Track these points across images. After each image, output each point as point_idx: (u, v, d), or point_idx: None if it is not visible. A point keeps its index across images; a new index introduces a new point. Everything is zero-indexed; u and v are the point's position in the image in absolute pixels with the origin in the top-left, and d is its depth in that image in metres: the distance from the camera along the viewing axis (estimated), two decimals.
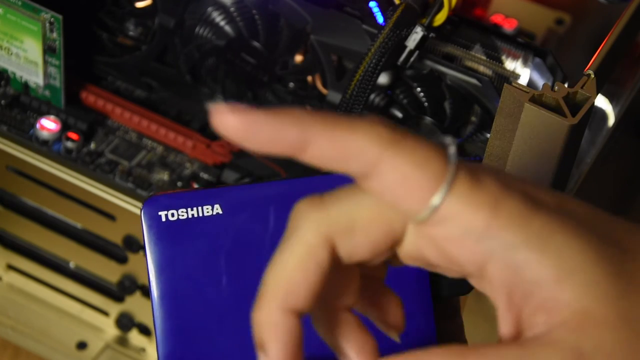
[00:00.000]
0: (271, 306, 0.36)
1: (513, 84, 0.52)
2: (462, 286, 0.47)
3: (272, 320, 0.36)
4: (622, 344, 0.34)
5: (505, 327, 0.35)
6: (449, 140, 0.35)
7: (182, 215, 0.46)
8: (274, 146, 0.34)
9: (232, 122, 0.34)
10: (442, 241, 0.35)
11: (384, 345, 0.47)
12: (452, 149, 0.34)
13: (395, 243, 0.36)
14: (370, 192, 0.35)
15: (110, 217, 0.70)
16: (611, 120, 0.68)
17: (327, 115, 0.34)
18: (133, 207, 0.69)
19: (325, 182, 0.47)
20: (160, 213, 0.46)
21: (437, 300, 0.47)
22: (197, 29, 0.70)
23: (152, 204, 0.46)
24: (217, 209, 0.46)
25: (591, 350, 0.33)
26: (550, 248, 0.34)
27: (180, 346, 0.46)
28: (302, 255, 0.36)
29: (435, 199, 0.34)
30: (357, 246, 0.36)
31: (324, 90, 0.69)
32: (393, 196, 0.34)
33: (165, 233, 0.46)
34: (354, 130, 0.34)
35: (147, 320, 0.75)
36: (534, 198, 0.35)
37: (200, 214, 0.46)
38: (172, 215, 0.46)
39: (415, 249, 0.36)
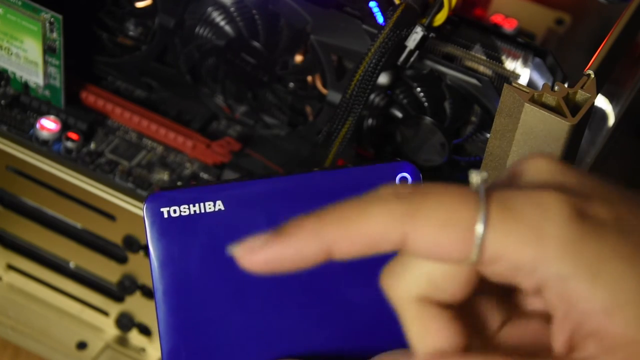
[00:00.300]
0: None
1: (513, 84, 0.52)
2: None
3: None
4: None
5: (558, 341, 0.35)
6: (474, 177, 0.34)
7: (185, 212, 0.46)
8: (304, 264, 0.34)
9: (256, 262, 0.34)
10: (497, 276, 0.35)
11: (385, 344, 0.47)
12: (480, 187, 0.34)
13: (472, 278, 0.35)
14: (417, 257, 0.34)
15: (110, 217, 0.70)
16: (611, 120, 0.68)
17: (337, 211, 0.34)
18: (133, 207, 0.69)
19: (328, 179, 0.47)
20: (162, 209, 0.46)
21: None
22: (197, 29, 0.70)
23: (154, 200, 0.46)
24: (220, 205, 0.46)
25: None
26: (601, 278, 0.33)
27: (184, 341, 0.46)
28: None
29: (474, 250, 0.33)
30: (448, 292, 0.35)
31: (324, 90, 0.69)
32: (436, 257, 0.34)
33: (168, 229, 0.46)
34: (367, 219, 0.34)
35: (147, 320, 0.75)
36: (583, 214, 0.34)
37: (203, 210, 0.46)
38: (175, 211, 0.46)
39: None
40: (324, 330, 0.47)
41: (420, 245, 0.34)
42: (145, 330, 0.75)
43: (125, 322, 0.75)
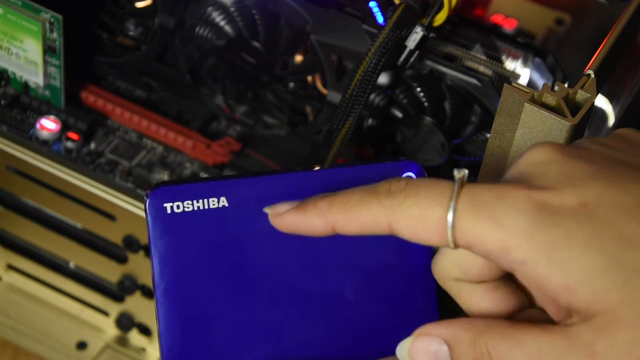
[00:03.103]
0: None
1: (513, 84, 0.52)
2: None
3: None
4: (637, 343, 0.37)
5: (550, 313, 0.42)
6: (454, 172, 0.41)
7: (188, 208, 0.46)
8: (313, 232, 0.43)
9: (279, 222, 0.44)
10: (482, 256, 0.41)
11: (387, 343, 0.47)
12: (455, 182, 0.41)
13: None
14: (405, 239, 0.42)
15: (110, 217, 0.70)
16: (611, 120, 0.68)
17: (343, 197, 0.43)
18: (133, 207, 0.69)
19: (334, 176, 0.47)
20: (166, 205, 0.46)
21: (442, 293, 0.47)
22: (197, 29, 0.70)
23: (157, 195, 0.45)
24: (223, 202, 0.46)
25: (605, 349, 0.38)
26: (556, 262, 0.39)
27: (184, 339, 0.46)
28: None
29: (448, 237, 0.40)
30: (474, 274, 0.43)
31: (324, 90, 0.69)
32: (419, 241, 0.41)
33: (171, 225, 0.46)
34: (361, 208, 0.42)
35: (147, 320, 0.75)
36: (544, 206, 0.39)
37: (207, 207, 0.46)
38: (178, 207, 0.46)
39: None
40: (325, 330, 0.47)
41: (403, 232, 0.41)
42: (145, 330, 0.75)
43: (125, 322, 0.75)
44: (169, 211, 0.46)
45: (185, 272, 0.46)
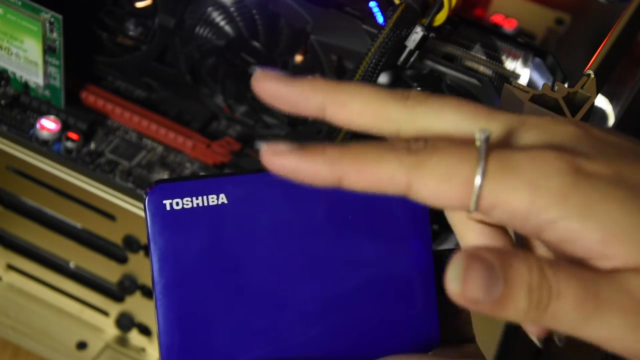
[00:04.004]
0: None
1: (513, 84, 0.52)
2: None
3: None
4: None
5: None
6: (477, 134, 0.38)
7: (188, 205, 0.46)
8: (314, 181, 0.39)
9: (276, 163, 0.40)
10: (500, 222, 0.39)
11: (386, 342, 0.47)
12: (482, 145, 0.38)
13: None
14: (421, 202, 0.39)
15: (110, 217, 0.70)
16: (611, 120, 0.68)
17: (357, 148, 0.39)
18: (133, 207, 0.69)
19: None
20: (165, 202, 0.45)
21: (442, 293, 0.47)
22: (197, 29, 0.70)
23: (157, 192, 0.45)
24: (223, 199, 0.46)
25: None
26: (591, 217, 0.37)
27: (183, 336, 0.46)
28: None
29: (472, 200, 0.38)
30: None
31: None
32: (436, 204, 0.39)
33: (170, 222, 0.45)
34: (379, 163, 0.39)
35: (147, 320, 0.75)
36: (579, 170, 0.38)
37: (206, 204, 0.46)
38: (178, 204, 0.46)
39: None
40: (325, 329, 0.47)
41: (423, 193, 0.38)
42: (145, 330, 0.75)
43: (125, 322, 0.75)
44: (168, 208, 0.46)
45: (185, 270, 0.46)
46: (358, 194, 0.42)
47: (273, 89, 0.41)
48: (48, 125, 0.71)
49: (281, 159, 0.40)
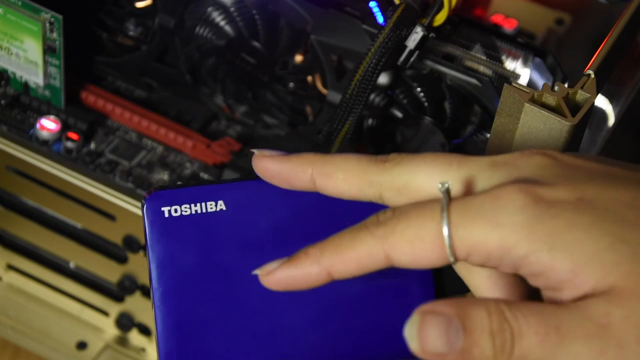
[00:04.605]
0: None
1: (513, 84, 0.52)
2: (465, 285, 0.47)
3: None
4: None
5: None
6: (438, 187, 0.40)
7: (186, 211, 0.46)
8: (311, 284, 0.42)
9: (273, 281, 0.43)
10: (481, 265, 0.40)
11: (384, 348, 0.47)
12: (443, 198, 0.40)
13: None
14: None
15: (110, 217, 0.70)
16: (611, 120, 0.68)
17: (334, 241, 0.42)
18: (133, 207, 0.69)
19: None
20: (163, 208, 0.45)
21: (440, 294, 0.47)
22: (197, 29, 0.70)
23: (155, 199, 0.45)
24: (221, 205, 0.46)
25: (620, 319, 0.37)
26: (558, 248, 0.38)
27: (182, 343, 0.46)
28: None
29: (448, 253, 0.39)
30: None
31: (324, 90, 0.69)
32: (418, 265, 0.40)
33: (169, 229, 0.45)
34: (355, 246, 0.41)
35: (147, 320, 0.75)
36: (541, 200, 0.39)
37: (204, 210, 0.46)
38: (176, 210, 0.46)
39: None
40: (324, 335, 0.47)
41: (402, 259, 0.40)
42: (145, 330, 0.75)
43: (125, 322, 0.75)
44: (166, 215, 0.45)
45: (183, 277, 0.46)
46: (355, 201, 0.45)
47: (269, 168, 0.45)
48: (48, 125, 0.71)
49: (275, 277, 0.43)
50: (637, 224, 0.38)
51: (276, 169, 0.45)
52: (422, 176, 0.42)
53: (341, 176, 0.43)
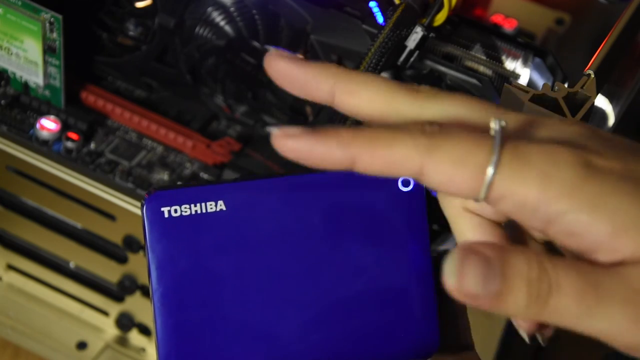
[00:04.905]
0: None
1: (513, 84, 0.52)
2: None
3: None
4: None
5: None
6: (493, 124, 0.38)
7: (186, 212, 0.45)
8: (327, 164, 0.39)
9: (289, 146, 0.39)
10: (506, 213, 0.39)
11: (385, 348, 0.47)
12: (497, 135, 0.38)
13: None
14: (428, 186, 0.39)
15: (110, 217, 0.70)
16: (611, 120, 0.68)
17: (370, 131, 0.38)
18: (133, 207, 0.69)
19: (331, 179, 0.47)
20: (163, 209, 0.45)
21: (441, 295, 0.47)
22: (197, 29, 0.70)
23: (154, 200, 0.45)
24: (221, 205, 0.46)
25: None
26: (601, 209, 0.37)
27: (181, 344, 0.46)
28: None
29: (483, 188, 0.38)
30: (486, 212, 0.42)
31: None
32: (446, 190, 0.38)
33: (168, 229, 0.45)
34: (393, 145, 0.38)
35: (147, 320, 0.75)
36: (589, 164, 0.38)
37: (204, 210, 0.46)
38: (176, 211, 0.45)
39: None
40: (325, 335, 0.47)
41: (435, 177, 0.38)
42: (145, 330, 0.75)
43: (125, 322, 0.75)
44: (166, 215, 0.45)
45: (183, 278, 0.46)
46: (356, 198, 0.44)
47: (285, 69, 0.41)
48: (48, 125, 0.71)
49: (294, 142, 0.39)
50: None
51: (293, 72, 0.41)
52: (460, 115, 0.40)
53: (365, 97, 0.40)
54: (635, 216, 0.37)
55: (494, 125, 0.38)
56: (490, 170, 0.37)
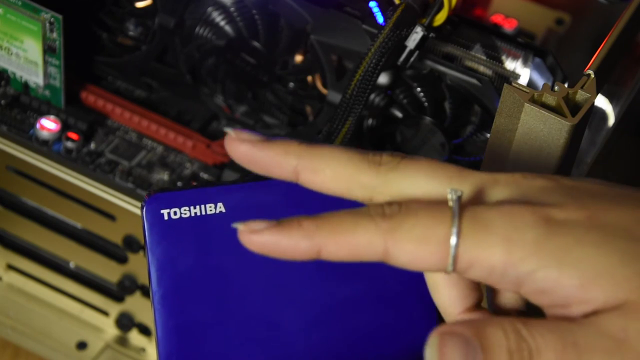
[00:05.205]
0: None
1: (513, 84, 0.52)
2: None
3: None
4: None
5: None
6: (449, 194, 0.39)
7: (185, 214, 0.45)
8: (294, 256, 0.40)
9: (254, 242, 0.40)
10: (477, 280, 0.40)
11: (385, 350, 0.47)
12: (454, 205, 0.39)
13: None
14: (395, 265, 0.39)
15: (110, 217, 0.70)
16: (611, 120, 0.68)
17: (333, 218, 0.39)
18: (133, 207, 0.69)
19: None
20: (162, 211, 0.45)
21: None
22: (197, 29, 0.70)
23: (154, 202, 0.45)
24: (221, 208, 0.46)
25: (636, 333, 0.37)
26: (566, 264, 0.38)
27: (182, 346, 0.46)
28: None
29: (449, 261, 0.38)
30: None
31: (324, 90, 0.69)
32: (414, 268, 0.39)
33: (168, 231, 0.45)
34: (355, 231, 0.39)
35: (147, 320, 0.75)
36: (550, 220, 0.39)
37: (204, 213, 0.46)
38: (175, 213, 0.45)
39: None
40: (324, 336, 0.47)
41: (400, 258, 0.39)
42: (145, 330, 0.75)
43: (125, 322, 0.75)
44: (165, 217, 0.45)
45: (183, 280, 0.46)
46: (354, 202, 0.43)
47: (247, 152, 0.41)
48: (48, 125, 0.71)
49: (259, 237, 0.39)
50: None
51: (255, 155, 0.41)
52: (420, 185, 0.41)
53: (329, 173, 0.41)
54: (601, 264, 0.38)
55: (450, 196, 0.39)
56: (452, 242, 0.38)
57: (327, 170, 0.41)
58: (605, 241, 0.38)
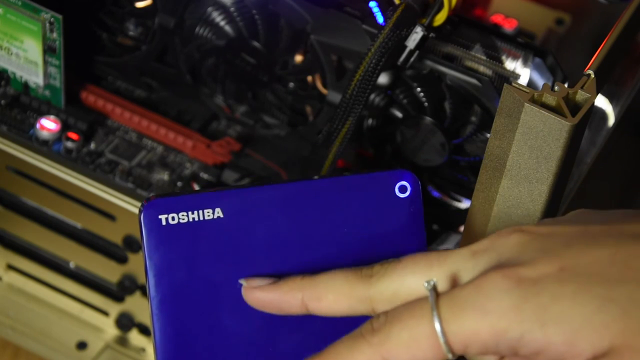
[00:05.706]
0: None
1: (513, 84, 0.52)
2: None
3: None
4: None
5: None
6: (424, 285, 0.42)
7: (183, 219, 0.45)
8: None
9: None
10: (482, 355, 0.41)
11: None
12: (430, 296, 0.41)
13: None
14: None
15: (110, 217, 0.70)
16: (611, 120, 0.68)
17: (330, 352, 0.43)
18: (133, 207, 0.69)
19: (327, 186, 0.47)
20: (160, 216, 0.45)
21: None
22: (197, 29, 0.70)
23: (152, 207, 0.45)
24: (218, 213, 0.46)
25: None
26: (548, 323, 0.39)
27: (180, 351, 0.46)
28: None
29: (444, 349, 0.40)
30: None
31: (324, 90, 0.69)
32: None
33: (166, 237, 0.45)
34: (353, 355, 0.42)
35: (147, 320, 0.75)
36: (522, 281, 0.40)
37: (202, 218, 0.45)
38: (173, 218, 0.45)
39: None
40: (321, 341, 0.46)
41: None
42: (145, 330, 0.75)
43: (125, 322, 0.75)
44: (164, 223, 0.45)
45: (181, 285, 0.45)
46: (354, 205, 0.46)
47: (264, 298, 0.45)
48: (48, 125, 0.71)
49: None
50: (620, 279, 0.39)
51: (267, 298, 0.45)
52: (409, 281, 0.43)
53: (331, 297, 0.44)
54: (580, 316, 0.39)
55: (424, 288, 0.42)
56: (438, 330, 0.40)
57: (329, 295, 0.44)
58: (580, 290, 0.39)
